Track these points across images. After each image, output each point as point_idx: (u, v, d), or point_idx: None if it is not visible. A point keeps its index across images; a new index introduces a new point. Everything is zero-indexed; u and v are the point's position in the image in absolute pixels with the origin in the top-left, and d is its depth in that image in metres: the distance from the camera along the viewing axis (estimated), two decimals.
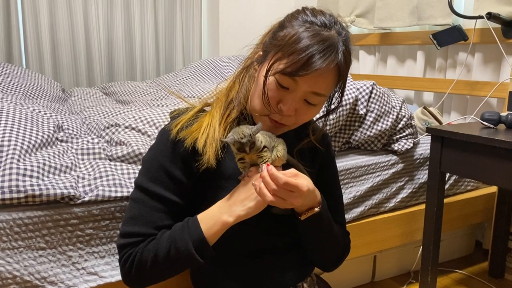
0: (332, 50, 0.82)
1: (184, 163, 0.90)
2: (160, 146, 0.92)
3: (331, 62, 0.82)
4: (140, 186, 0.91)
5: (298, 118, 0.89)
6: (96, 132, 1.41)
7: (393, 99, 1.63)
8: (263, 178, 0.80)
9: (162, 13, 3.08)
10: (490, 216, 1.90)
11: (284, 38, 0.84)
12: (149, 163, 0.92)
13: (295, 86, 0.84)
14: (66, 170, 1.14)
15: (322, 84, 0.84)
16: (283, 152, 0.88)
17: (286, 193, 0.80)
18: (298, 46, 0.81)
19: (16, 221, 1.00)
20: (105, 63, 2.93)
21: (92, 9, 2.81)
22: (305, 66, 0.80)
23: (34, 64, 2.69)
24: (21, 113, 1.29)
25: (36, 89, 2.00)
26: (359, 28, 2.65)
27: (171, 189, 0.90)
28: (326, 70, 0.82)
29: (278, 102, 0.87)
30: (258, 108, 0.89)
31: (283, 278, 0.98)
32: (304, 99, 0.86)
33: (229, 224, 0.86)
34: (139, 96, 2.15)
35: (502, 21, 1.86)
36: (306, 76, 0.81)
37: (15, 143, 1.11)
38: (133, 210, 0.91)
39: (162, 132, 0.94)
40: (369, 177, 1.58)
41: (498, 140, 1.26)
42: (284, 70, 0.82)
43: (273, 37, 0.88)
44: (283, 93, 0.85)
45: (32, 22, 2.64)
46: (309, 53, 0.80)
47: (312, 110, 0.90)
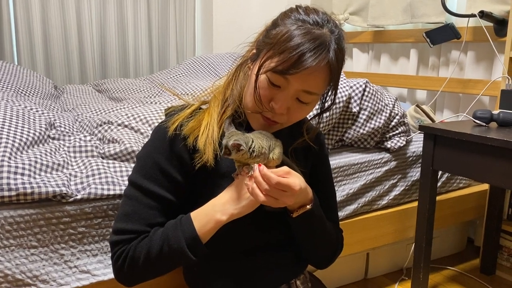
0: (323, 48, 0.81)
1: (180, 161, 0.90)
2: (156, 143, 0.92)
3: (322, 61, 0.81)
4: (133, 183, 0.91)
5: (290, 117, 0.89)
6: (88, 129, 1.40)
7: (386, 97, 1.63)
8: (255, 178, 0.81)
9: (155, 10, 3.07)
10: (482, 214, 1.92)
11: (276, 36, 0.84)
12: (143, 160, 0.92)
13: (286, 84, 0.84)
14: (58, 168, 1.13)
15: (314, 83, 0.84)
16: (279, 155, 0.88)
17: (279, 192, 0.80)
18: (289, 44, 0.81)
19: (8, 219, 1.00)
20: (97, 60, 2.91)
21: (85, 4, 2.79)
22: (296, 64, 0.80)
23: (25, 60, 2.66)
24: (12, 110, 1.28)
25: (28, 86, 1.98)
26: (352, 26, 2.65)
27: (165, 187, 0.90)
28: (317, 68, 0.82)
29: (270, 100, 0.87)
30: (250, 105, 0.89)
31: (276, 275, 0.99)
32: (296, 97, 0.86)
33: (222, 222, 0.86)
34: (132, 93, 2.14)
35: (494, 20, 1.87)
36: (297, 74, 0.81)
37: (6, 140, 1.10)
38: (126, 207, 0.90)
39: (158, 129, 0.93)
40: (362, 174, 1.58)
41: (490, 138, 1.27)
42: (275, 68, 0.82)
43: (266, 35, 0.88)
44: (275, 91, 0.85)
45: (23, 17, 2.61)
46: (300, 51, 0.80)
47: (305, 109, 0.90)
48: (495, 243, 1.85)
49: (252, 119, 0.92)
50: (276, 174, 0.80)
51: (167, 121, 0.92)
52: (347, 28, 2.71)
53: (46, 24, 2.69)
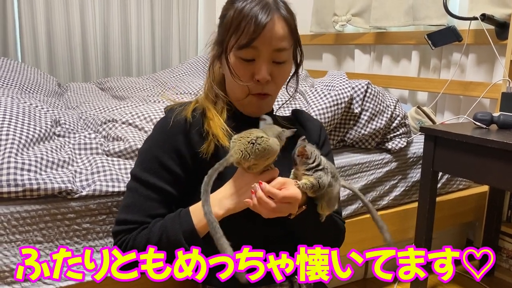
0: (270, 6, 0.89)
1: (178, 155, 0.93)
2: (156, 137, 0.96)
3: (274, 15, 0.89)
4: (134, 176, 0.94)
5: (276, 81, 0.94)
6: (93, 127, 1.42)
7: (388, 98, 1.65)
8: (260, 199, 0.82)
9: (158, 9, 3.08)
10: (481, 215, 1.93)
11: (228, 20, 0.91)
12: (144, 154, 0.96)
13: (257, 53, 0.90)
14: (64, 165, 1.15)
15: (278, 39, 0.90)
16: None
17: (284, 206, 0.83)
18: (241, 17, 0.88)
19: (14, 215, 1.01)
20: (101, 58, 2.93)
21: (88, 3, 2.80)
22: (255, 29, 0.87)
23: (29, 58, 2.68)
24: (19, 107, 1.29)
25: (32, 84, 2.00)
26: (355, 27, 2.66)
27: (164, 179, 0.93)
28: (274, 24, 0.89)
29: (252, 76, 0.92)
30: (238, 93, 0.94)
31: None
32: (272, 60, 0.92)
33: (219, 216, 0.88)
34: (136, 91, 2.16)
35: (496, 23, 1.88)
36: (260, 37, 0.87)
37: (13, 137, 1.11)
38: (127, 199, 0.94)
39: (159, 124, 0.97)
40: (363, 175, 1.60)
41: (489, 140, 1.28)
42: (240, 43, 0.88)
43: (220, 26, 0.95)
44: (251, 66, 0.91)
45: (27, 15, 2.63)
46: (251, 16, 0.87)
47: (284, 68, 0.95)
48: (494, 244, 1.87)
49: (246, 105, 0.97)
50: (274, 188, 0.83)
51: (168, 115, 0.95)
52: (349, 29, 2.72)
53: (50, 22, 2.71)
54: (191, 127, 0.94)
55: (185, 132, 0.93)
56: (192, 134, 0.94)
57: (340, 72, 1.72)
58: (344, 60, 2.86)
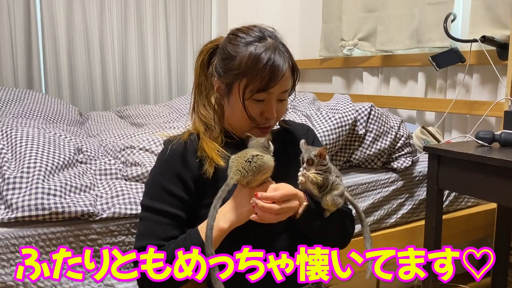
0: (280, 52, 0.98)
1: (180, 179, 1.01)
2: (157, 167, 1.05)
3: (286, 61, 0.98)
4: (143, 206, 1.04)
5: (279, 116, 1.05)
6: (112, 153, 1.51)
7: (392, 120, 1.71)
8: (262, 207, 0.89)
9: (173, 38, 3.19)
10: (491, 232, 1.94)
11: (241, 64, 0.97)
12: (149, 185, 1.05)
13: (269, 95, 0.99)
14: (86, 189, 1.24)
15: (286, 82, 1.01)
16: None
17: (286, 205, 0.90)
18: (259, 64, 0.95)
19: (41, 236, 1.10)
20: (119, 88, 3.04)
21: (108, 35, 2.93)
22: (274, 76, 0.95)
23: (52, 89, 2.81)
24: (45, 137, 1.40)
25: (56, 114, 2.12)
26: (362, 51, 2.74)
27: (170, 203, 1.01)
28: (285, 69, 0.98)
29: (261, 114, 1.01)
30: (245, 127, 1.03)
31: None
32: (278, 99, 1.02)
33: (224, 229, 0.95)
34: (153, 119, 2.26)
35: (497, 44, 1.93)
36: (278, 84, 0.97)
37: (40, 164, 1.22)
38: (141, 228, 1.03)
39: (159, 155, 1.07)
40: (370, 194, 1.65)
41: (490, 157, 1.31)
42: (258, 87, 0.96)
43: (227, 68, 1.00)
44: (261, 105, 1.00)
45: (51, 49, 2.77)
46: (271, 64, 0.95)
47: (285, 103, 1.05)
48: (505, 261, 1.87)
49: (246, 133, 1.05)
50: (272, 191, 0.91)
51: (165, 146, 1.05)
52: (357, 53, 2.80)
53: (71, 55, 2.85)
54: (187, 152, 1.03)
55: (183, 158, 1.02)
56: (189, 159, 1.02)
57: (345, 96, 1.79)
58: (353, 82, 2.93)
